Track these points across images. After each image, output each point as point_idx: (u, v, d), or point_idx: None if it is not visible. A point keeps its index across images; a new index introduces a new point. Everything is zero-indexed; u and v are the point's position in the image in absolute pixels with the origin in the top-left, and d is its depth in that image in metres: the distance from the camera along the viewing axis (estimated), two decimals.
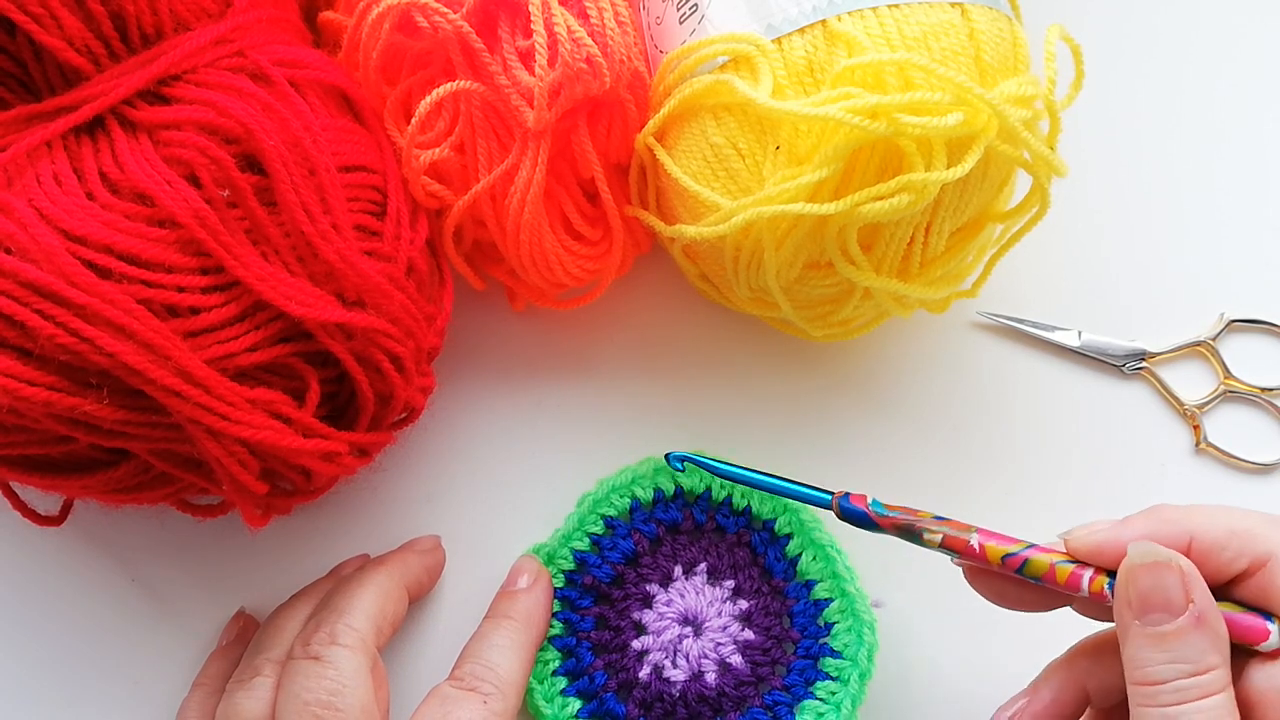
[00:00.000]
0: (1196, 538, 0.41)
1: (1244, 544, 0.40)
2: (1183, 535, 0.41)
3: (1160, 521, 0.41)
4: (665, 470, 0.53)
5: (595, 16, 0.47)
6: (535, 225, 0.49)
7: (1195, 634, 0.38)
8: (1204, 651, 0.38)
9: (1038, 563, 0.42)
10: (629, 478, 0.53)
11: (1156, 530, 0.41)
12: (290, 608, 0.49)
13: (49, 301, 0.39)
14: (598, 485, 0.53)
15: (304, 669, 0.44)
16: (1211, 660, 0.38)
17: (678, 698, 0.49)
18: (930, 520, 0.45)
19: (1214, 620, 0.38)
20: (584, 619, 0.51)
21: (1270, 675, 0.39)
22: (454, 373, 0.55)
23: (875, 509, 0.45)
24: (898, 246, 0.46)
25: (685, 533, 0.52)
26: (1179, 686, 0.38)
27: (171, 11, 0.44)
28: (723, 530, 0.52)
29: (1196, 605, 0.38)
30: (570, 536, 0.52)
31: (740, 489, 0.52)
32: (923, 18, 0.44)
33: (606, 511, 0.53)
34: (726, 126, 0.46)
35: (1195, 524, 0.41)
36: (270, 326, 0.42)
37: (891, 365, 0.57)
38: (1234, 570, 0.40)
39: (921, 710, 0.52)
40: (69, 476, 0.44)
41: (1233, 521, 0.41)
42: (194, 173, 0.42)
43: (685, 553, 0.52)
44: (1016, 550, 0.43)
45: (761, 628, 0.50)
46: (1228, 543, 0.40)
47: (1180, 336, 0.57)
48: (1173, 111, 0.61)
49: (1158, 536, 0.41)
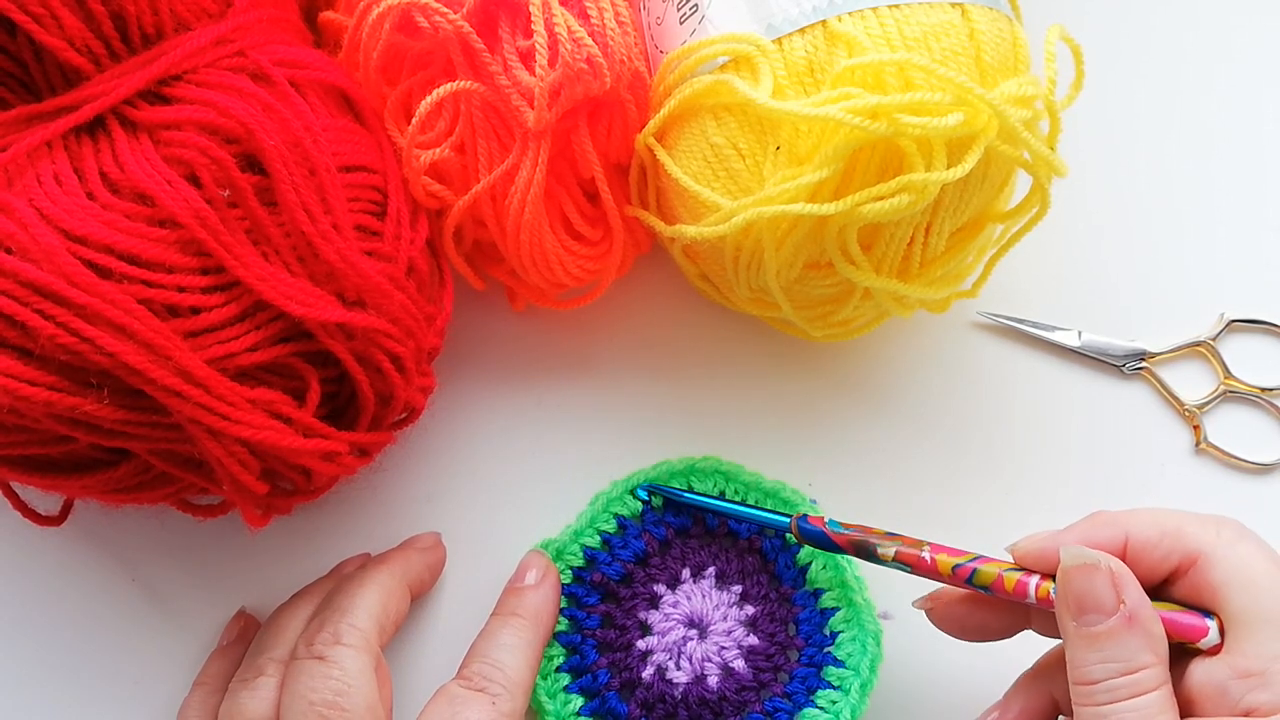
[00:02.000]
0: (1131, 539, 0.42)
1: (1174, 543, 0.41)
2: (1119, 537, 0.42)
3: (1097, 525, 0.42)
4: (678, 474, 0.53)
5: (595, 17, 0.47)
6: (535, 225, 0.49)
7: (1126, 634, 0.38)
8: (1136, 651, 0.38)
9: (985, 572, 0.43)
10: (641, 480, 0.53)
11: (1094, 534, 0.42)
12: (292, 607, 0.49)
13: (49, 301, 0.39)
14: (611, 485, 0.53)
15: (308, 669, 0.44)
16: (1143, 659, 0.38)
17: (679, 700, 0.49)
18: (884, 536, 0.46)
19: (1147, 620, 0.39)
20: (590, 616, 0.51)
21: (1208, 670, 0.39)
22: (454, 373, 0.55)
23: (832, 527, 0.47)
24: (898, 246, 0.46)
25: (695, 536, 0.52)
26: (1110, 686, 0.38)
27: (172, 11, 0.44)
28: (734, 535, 0.52)
29: (1127, 605, 0.39)
30: (581, 533, 0.52)
31: (754, 495, 0.53)
32: (923, 18, 0.44)
33: (619, 510, 0.53)
34: (727, 126, 0.46)
35: (1130, 526, 0.42)
36: (270, 326, 0.42)
37: (891, 365, 0.57)
38: (1166, 569, 0.41)
39: (930, 701, 0.51)
40: (69, 476, 0.44)
41: (1164, 522, 0.42)
42: (194, 173, 0.42)
43: (695, 556, 0.52)
44: (965, 561, 0.44)
45: (766, 633, 0.50)
46: (1159, 542, 0.41)
47: (1180, 336, 0.57)
48: (1173, 112, 0.61)
49: (1095, 540, 0.42)
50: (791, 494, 0.52)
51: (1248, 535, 0.41)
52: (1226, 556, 0.40)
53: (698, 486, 0.53)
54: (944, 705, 0.51)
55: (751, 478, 0.53)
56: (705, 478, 0.53)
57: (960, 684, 0.51)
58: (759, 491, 0.53)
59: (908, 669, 0.51)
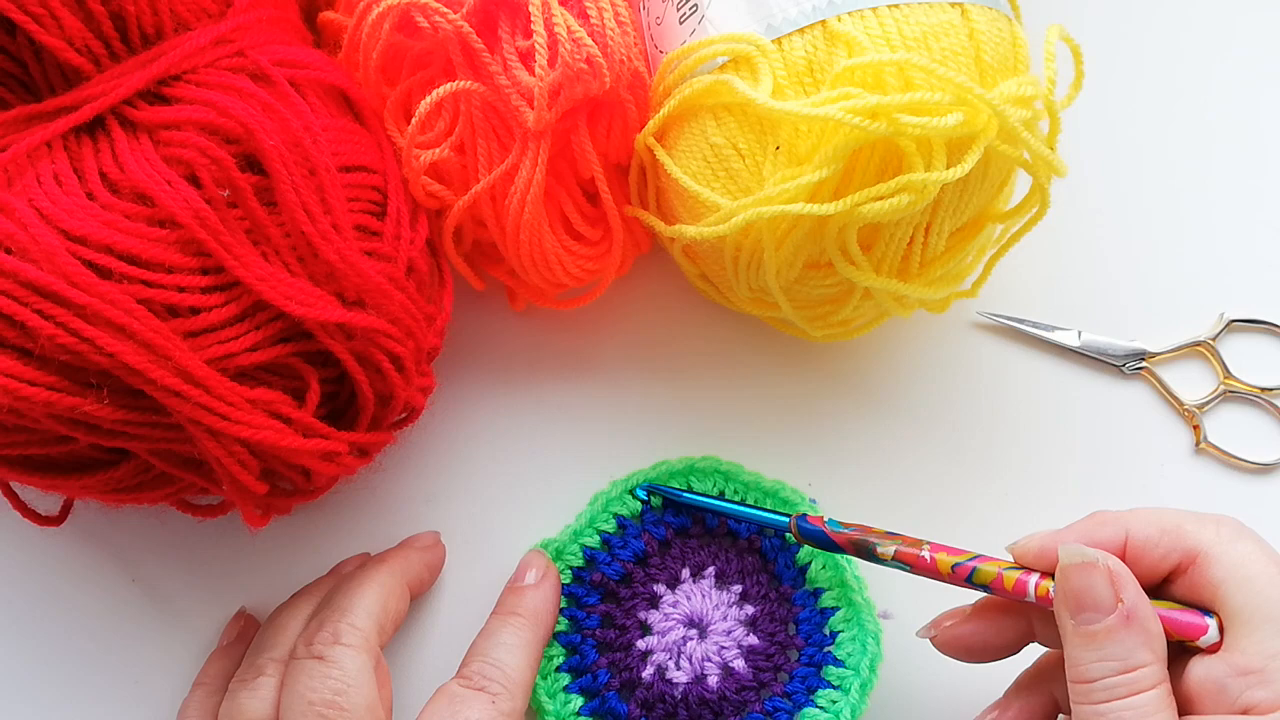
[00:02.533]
0: (1131, 537, 0.42)
1: (1174, 541, 0.41)
2: (1118, 536, 0.42)
3: (1097, 524, 0.43)
4: (677, 474, 0.53)
5: (595, 16, 0.47)
6: (535, 225, 0.49)
7: (1124, 632, 0.39)
8: (1133, 649, 0.38)
9: (985, 571, 0.43)
10: (640, 480, 0.53)
11: (1093, 533, 0.42)
12: (292, 606, 0.49)
13: (49, 301, 0.39)
14: (611, 485, 0.53)
15: (308, 668, 0.44)
16: (1141, 657, 0.38)
17: (679, 699, 0.49)
18: (883, 535, 0.46)
19: (1145, 618, 0.39)
20: (590, 616, 0.51)
21: (1208, 668, 0.39)
22: (454, 373, 0.55)
23: (832, 526, 0.47)
24: (898, 246, 0.46)
25: (695, 536, 0.52)
26: (1108, 684, 0.38)
27: (172, 11, 0.44)
28: (734, 535, 0.52)
29: (1126, 604, 0.39)
30: (581, 533, 0.52)
31: (753, 494, 0.53)
32: (923, 18, 0.44)
33: (619, 510, 0.53)
34: (726, 126, 0.46)
35: (1130, 525, 0.42)
36: (270, 326, 0.42)
37: (891, 365, 0.57)
38: (1166, 567, 0.41)
39: (929, 704, 0.51)
40: (69, 476, 0.44)
41: (1164, 520, 0.42)
42: (194, 173, 0.42)
43: (694, 556, 0.52)
44: (965, 560, 0.44)
45: (766, 633, 0.50)
46: (1159, 540, 0.41)
47: (1180, 336, 0.57)
48: (1172, 111, 0.61)
49: (1094, 538, 0.42)
50: (791, 493, 0.52)
51: (1247, 533, 0.41)
52: (1226, 554, 0.40)
53: (697, 486, 0.53)
54: (944, 705, 0.51)
55: (751, 477, 0.53)
56: (704, 477, 0.53)
57: (960, 684, 0.51)
58: (758, 491, 0.53)
59: (908, 669, 0.51)
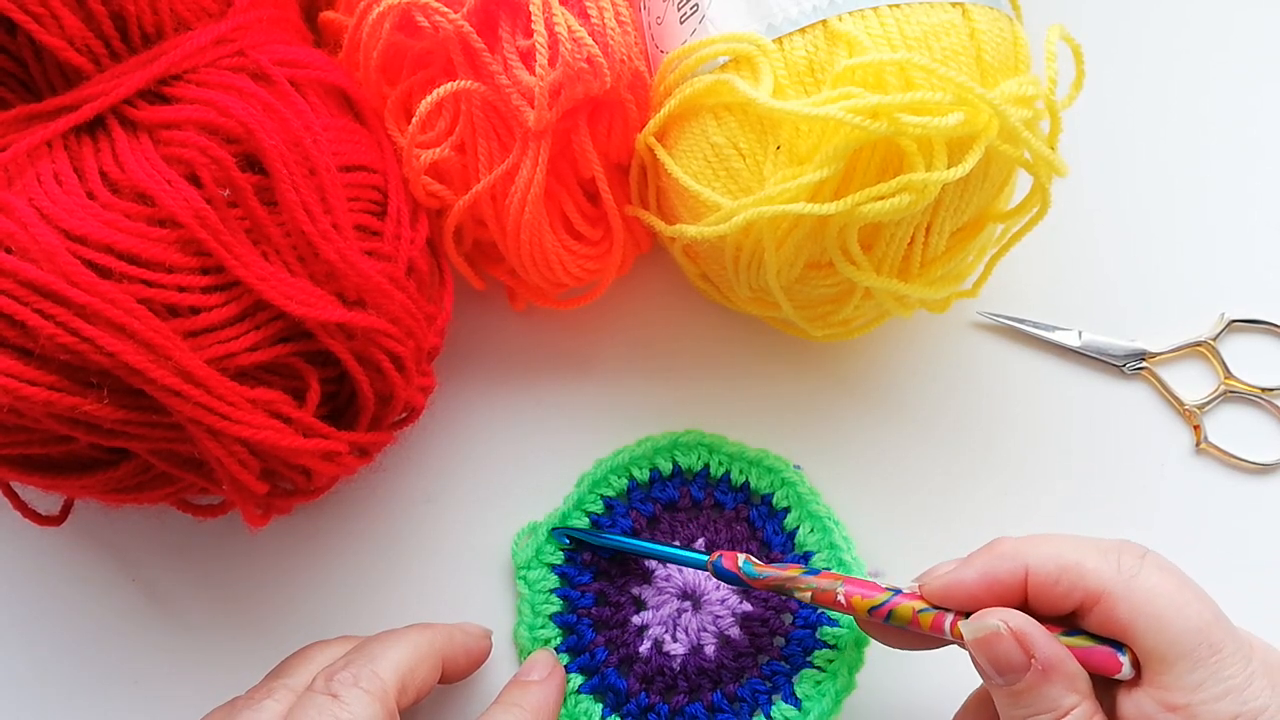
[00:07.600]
0: (1031, 574, 0.41)
1: (1074, 579, 0.41)
2: (1019, 569, 0.42)
3: (997, 557, 0.42)
4: (662, 450, 0.54)
5: (596, 16, 0.47)
6: (535, 225, 0.49)
7: (1045, 684, 0.39)
8: (1058, 696, 0.39)
9: (902, 611, 0.43)
10: (626, 458, 0.54)
11: (994, 566, 0.42)
12: (326, 643, 0.48)
13: (49, 301, 0.39)
14: (595, 465, 0.54)
15: (318, 703, 0.42)
16: (1068, 701, 0.39)
17: (678, 671, 0.50)
18: (800, 577, 0.46)
19: (1061, 663, 0.39)
20: (584, 595, 0.52)
21: (1136, 703, 0.39)
22: (454, 373, 0.55)
23: (746, 571, 0.47)
24: (898, 246, 0.46)
25: (683, 510, 0.53)
26: None
27: (172, 11, 0.44)
28: (720, 506, 0.53)
29: (1039, 659, 0.39)
30: (569, 515, 0.53)
31: (739, 464, 0.53)
32: (923, 18, 0.44)
33: (605, 491, 0.53)
34: (727, 126, 0.46)
35: (1030, 558, 0.42)
36: (270, 326, 0.42)
37: (891, 365, 0.57)
38: (1069, 605, 0.41)
39: (919, 676, 0.51)
40: (69, 476, 0.44)
41: (1063, 556, 0.41)
42: (194, 172, 0.42)
43: (684, 529, 0.52)
44: (882, 601, 0.44)
45: (760, 599, 0.51)
46: (1059, 578, 0.41)
47: (1180, 336, 0.57)
48: (1173, 111, 0.61)
49: (996, 572, 0.42)
50: (775, 460, 0.53)
51: (1150, 562, 0.41)
52: (1129, 594, 0.40)
53: (681, 460, 0.54)
54: (940, 654, 0.51)
55: (735, 448, 0.54)
56: (689, 450, 0.54)
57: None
58: (742, 460, 0.54)
59: None
